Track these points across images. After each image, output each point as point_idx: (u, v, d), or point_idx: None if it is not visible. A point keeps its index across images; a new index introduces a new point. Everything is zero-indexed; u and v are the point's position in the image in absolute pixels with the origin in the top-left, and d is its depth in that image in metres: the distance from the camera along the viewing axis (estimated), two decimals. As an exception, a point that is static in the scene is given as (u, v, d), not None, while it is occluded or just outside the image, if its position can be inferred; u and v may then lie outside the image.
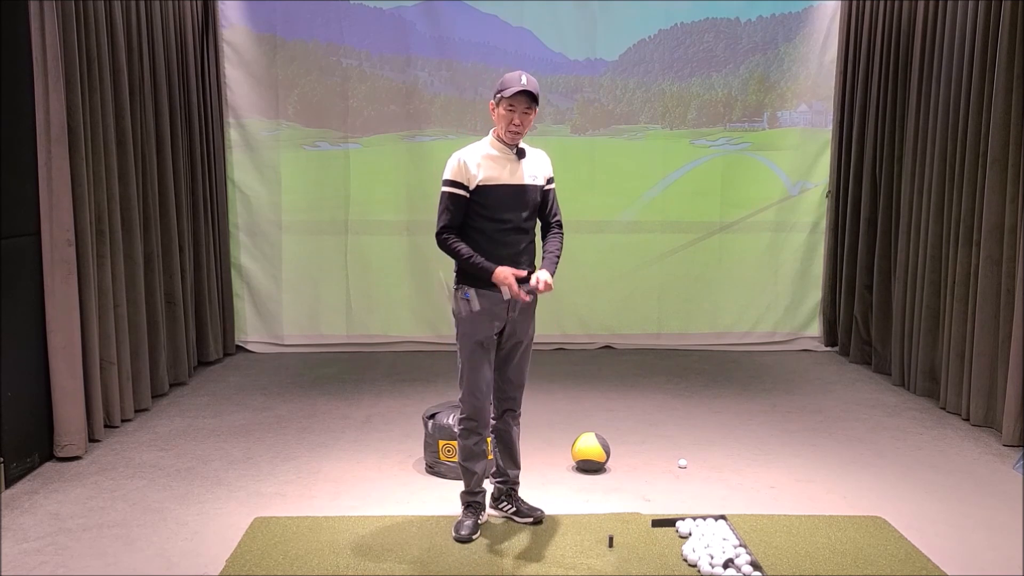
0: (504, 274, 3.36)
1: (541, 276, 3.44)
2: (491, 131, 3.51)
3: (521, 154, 3.48)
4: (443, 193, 3.42)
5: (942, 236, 5.43)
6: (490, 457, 3.84)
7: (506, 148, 3.46)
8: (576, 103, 7.02)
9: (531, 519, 3.66)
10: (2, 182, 4.00)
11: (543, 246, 3.62)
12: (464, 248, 3.40)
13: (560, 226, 3.66)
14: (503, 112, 3.39)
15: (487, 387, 3.51)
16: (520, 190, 3.46)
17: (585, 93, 7.02)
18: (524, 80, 3.37)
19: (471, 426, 3.54)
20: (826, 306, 7.05)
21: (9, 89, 4.04)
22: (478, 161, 3.41)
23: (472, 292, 3.43)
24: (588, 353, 6.95)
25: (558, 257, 3.59)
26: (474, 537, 3.48)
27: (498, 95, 3.40)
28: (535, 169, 3.54)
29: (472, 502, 3.61)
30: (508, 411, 3.65)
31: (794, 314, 7.17)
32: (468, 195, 3.40)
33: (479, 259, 3.38)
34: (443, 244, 3.43)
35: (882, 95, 6.22)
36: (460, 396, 3.55)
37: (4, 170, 4.01)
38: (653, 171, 7.07)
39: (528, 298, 3.44)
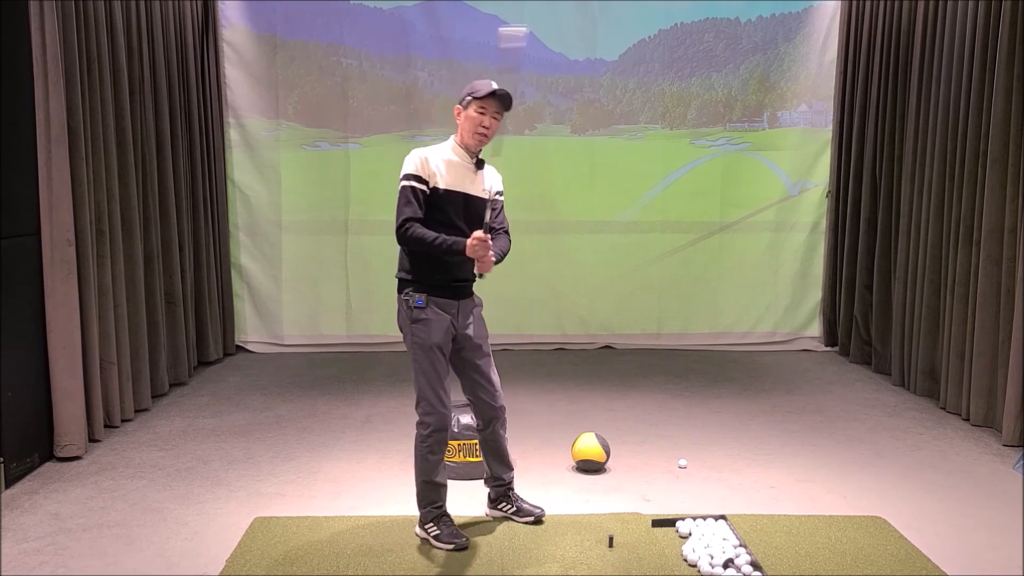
0: (474, 246, 3.20)
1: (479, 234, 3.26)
2: (451, 137, 3.44)
3: (480, 165, 3.44)
4: (403, 188, 3.29)
5: (942, 236, 5.43)
6: (477, 459, 3.84)
7: (467, 156, 3.40)
8: (576, 103, 7.02)
9: (531, 518, 3.65)
10: (2, 182, 4.00)
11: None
12: (428, 232, 3.24)
13: (508, 233, 3.55)
14: (472, 114, 3.33)
15: (448, 395, 3.42)
16: (475, 201, 3.40)
17: (585, 93, 7.02)
18: (496, 85, 3.34)
19: (441, 438, 3.41)
20: (826, 306, 7.06)
21: (9, 89, 4.05)
22: (439, 163, 3.33)
23: (424, 298, 3.34)
24: (588, 353, 6.95)
25: (503, 250, 3.44)
26: (467, 540, 3.44)
27: (467, 97, 3.35)
28: (489, 183, 3.49)
29: (442, 514, 3.50)
30: (494, 419, 3.58)
31: (794, 314, 7.17)
32: (428, 191, 3.30)
33: (446, 238, 3.23)
34: (404, 235, 3.26)
35: (882, 95, 6.23)
36: (420, 407, 3.38)
37: (4, 170, 4.01)
38: (653, 171, 7.07)
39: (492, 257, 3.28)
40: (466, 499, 3.88)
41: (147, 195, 5.35)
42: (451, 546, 3.40)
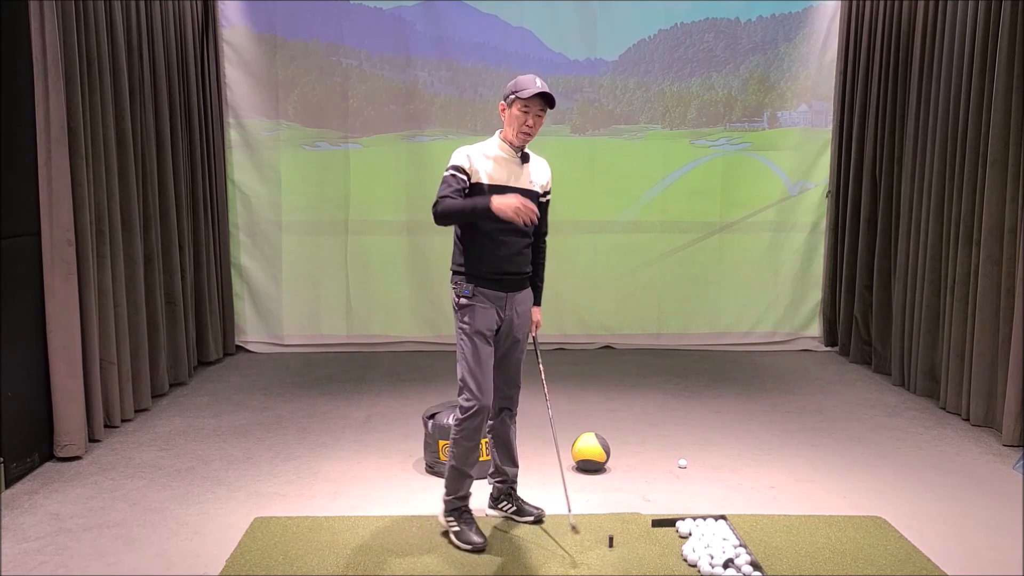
0: (503, 202, 3.23)
1: (536, 320, 3.66)
2: (497, 133, 3.50)
3: (525, 158, 3.48)
4: (445, 175, 3.38)
5: (942, 236, 5.43)
6: (485, 458, 3.84)
7: (512, 151, 3.45)
8: (576, 103, 7.02)
9: (532, 518, 3.66)
10: (2, 182, 4.00)
11: (532, 262, 3.60)
12: (456, 201, 3.31)
13: (545, 238, 3.65)
14: (516, 113, 3.37)
15: (491, 383, 3.43)
16: (522, 194, 3.43)
17: (585, 93, 7.02)
18: (540, 83, 3.36)
19: (476, 424, 3.42)
20: (826, 306, 7.06)
21: (9, 89, 4.05)
22: (483, 159, 3.41)
23: (472, 288, 3.42)
24: (588, 353, 6.95)
25: (542, 280, 3.68)
26: (485, 543, 3.41)
27: (511, 96, 3.38)
28: (537, 175, 3.54)
29: (464, 508, 3.51)
30: (505, 410, 3.63)
31: (794, 314, 7.17)
32: (468, 182, 3.38)
33: (474, 199, 3.30)
34: (437, 211, 3.31)
35: (882, 95, 6.23)
36: (462, 395, 3.44)
37: (4, 170, 4.01)
38: (653, 171, 7.07)
39: (534, 217, 3.30)
40: (466, 499, 3.89)
41: (147, 195, 5.35)
42: (468, 547, 3.40)
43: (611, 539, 3.43)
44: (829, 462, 4.44)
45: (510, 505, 3.71)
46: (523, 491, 3.82)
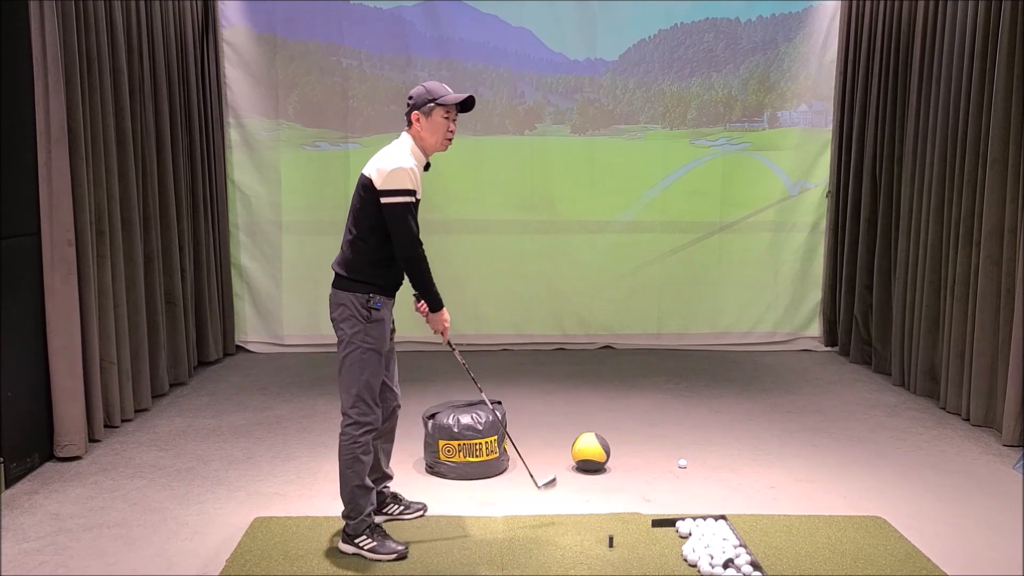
0: (443, 322, 3.49)
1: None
2: (408, 142, 3.35)
3: (427, 168, 3.41)
4: (409, 204, 3.24)
5: (942, 236, 5.43)
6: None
7: (422, 160, 3.36)
8: (576, 103, 7.02)
9: (420, 512, 3.68)
10: (2, 182, 4.00)
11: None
12: (429, 272, 3.35)
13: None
14: (439, 120, 3.30)
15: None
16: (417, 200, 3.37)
17: (585, 93, 7.02)
18: (450, 90, 3.34)
19: (372, 437, 3.38)
20: (826, 306, 7.06)
21: (9, 89, 4.05)
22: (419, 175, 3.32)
23: (382, 300, 3.35)
24: (588, 353, 6.95)
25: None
26: (407, 547, 3.35)
27: (430, 103, 3.28)
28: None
29: (373, 523, 3.38)
30: (396, 406, 3.61)
31: (794, 314, 7.17)
32: None
33: (436, 290, 3.40)
34: (422, 261, 3.30)
35: (882, 95, 6.23)
36: (355, 409, 3.32)
37: (4, 170, 4.01)
38: (653, 171, 7.07)
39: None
40: (466, 499, 3.89)
41: (147, 195, 5.35)
42: (393, 556, 3.31)
43: (611, 539, 3.44)
44: (829, 462, 4.44)
45: (397, 506, 3.68)
46: (523, 491, 3.82)
